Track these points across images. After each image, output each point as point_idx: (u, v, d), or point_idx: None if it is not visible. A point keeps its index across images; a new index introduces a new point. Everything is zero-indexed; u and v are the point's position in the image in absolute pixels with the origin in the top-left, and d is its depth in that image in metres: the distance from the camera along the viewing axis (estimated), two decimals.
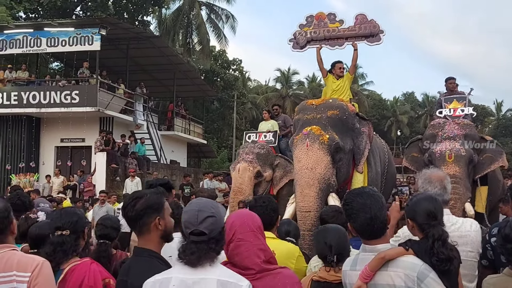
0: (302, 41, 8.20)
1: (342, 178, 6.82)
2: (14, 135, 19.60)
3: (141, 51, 21.62)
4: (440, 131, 7.29)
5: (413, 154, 7.73)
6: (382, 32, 7.97)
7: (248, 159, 8.42)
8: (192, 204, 2.35)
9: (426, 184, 3.25)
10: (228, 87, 36.21)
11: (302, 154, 6.53)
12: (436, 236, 2.52)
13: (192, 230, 2.23)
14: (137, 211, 2.55)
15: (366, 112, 47.93)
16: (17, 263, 2.37)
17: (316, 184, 6.28)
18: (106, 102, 18.94)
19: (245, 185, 8.18)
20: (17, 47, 19.19)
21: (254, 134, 9.65)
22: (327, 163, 6.44)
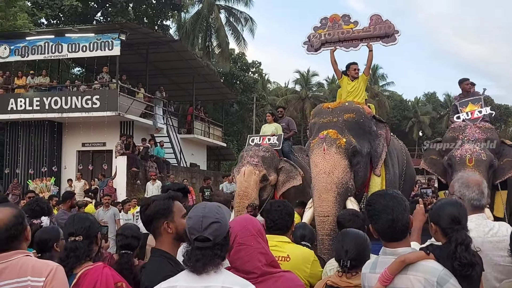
0: (317, 43, 8.14)
1: (360, 181, 6.76)
2: (36, 140, 19.91)
3: (161, 55, 21.79)
4: (460, 134, 7.15)
5: (432, 156, 7.61)
6: (398, 32, 7.88)
7: (253, 163, 8.35)
8: (197, 209, 2.33)
9: (464, 189, 3.17)
10: (248, 90, 36.23)
11: (319, 158, 6.48)
12: (459, 241, 2.49)
13: (196, 236, 2.21)
14: (146, 216, 2.70)
15: (387, 113, 47.64)
16: (31, 268, 2.39)
17: (334, 188, 6.24)
18: (126, 106, 19.12)
19: (251, 189, 8.12)
20: (39, 53, 19.53)
21: (258, 137, 9.53)
22: (344, 167, 6.39)
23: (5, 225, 2.46)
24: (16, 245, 2.49)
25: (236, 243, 2.45)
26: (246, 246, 2.47)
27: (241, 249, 2.46)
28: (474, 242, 2.55)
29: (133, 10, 29.26)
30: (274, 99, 46.44)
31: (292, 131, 10.10)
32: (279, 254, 3.32)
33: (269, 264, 2.49)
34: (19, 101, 19.31)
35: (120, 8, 27.27)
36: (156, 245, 2.74)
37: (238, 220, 2.63)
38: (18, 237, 2.50)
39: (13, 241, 2.48)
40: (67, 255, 2.88)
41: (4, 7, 20.94)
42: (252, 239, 2.49)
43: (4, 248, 2.46)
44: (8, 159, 20.11)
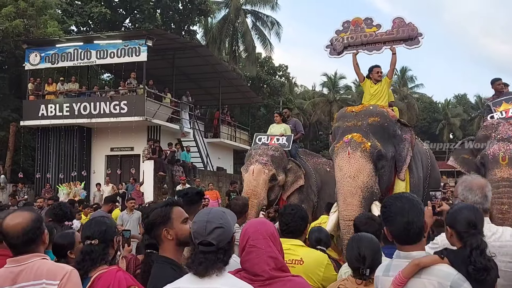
0: (339, 47, 8.04)
1: (384, 185, 6.67)
2: (66, 145, 20.28)
3: (187, 61, 22.00)
4: (493, 133, 6.92)
5: (464, 155, 7.45)
6: (421, 35, 7.75)
7: (263, 161, 8.23)
8: (202, 214, 2.38)
9: (466, 192, 3.18)
10: (275, 93, 36.26)
11: (344, 162, 6.42)
12: (474, 245, 2.48)
13: (200, 240, 2.27)
14: (146, 225, 2.78)
15: (417, 116, 47.06)
16: (46, 271, 2.46)
17: (359, 192, 6.18)
18: (153, 111, 19.35)
19: (260, 188, 8.01)
20: (68, 60, 19.94)
21: (266, 137, 9.33)
22: (369, 171, 6.32)
23: (23, 229, 2.54)
24: (33, 248, 2.57)
25: (248, 245, 2.50)
26: (257, 249, 2.50)
27: (251, 251, 2.49)
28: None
29: (161, 16, 29.62)
30: (301, 102, 46.33)
31: (300, 133, 9.90)
32: (293, 257, 3.34)
33: (279, 268, 2.51)
34: (49, 107, 19.73)
35: (147, 14, 27.63)
36: (159, 252, 2.79)
37: (253, 223, 2.66)
38: (35, 241, 2.58)
39: (30, 244, 2.56)
40: (82, 258, 2.94)
41: (35, 16, 21.42)
42: (263, 242, 2.52)
43: (22, 251, 2.54)
44: (39, 164, 20.53)
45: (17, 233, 2.53)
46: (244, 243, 2.51)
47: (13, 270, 2.49)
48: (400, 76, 50.83)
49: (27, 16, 21.12)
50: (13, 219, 2.58)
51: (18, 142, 21.46)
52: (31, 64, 20.18)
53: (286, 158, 8.61)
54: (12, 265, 2.52)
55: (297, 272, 3.15)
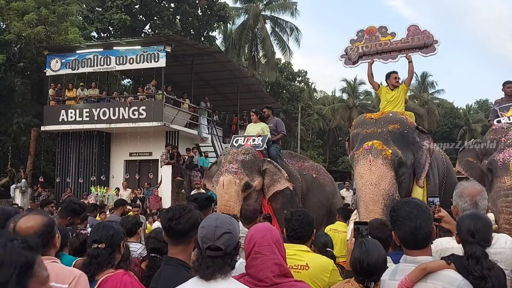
0: (354, 56, 7.99)
1: (403, 193, 6.63)
2: (86, 150, 20.52)
3: (205, 66, 22.08)
4: (503, 137, 6.73)
5: (468, 158, 7.30)
6: (437, 42, 7.67)
7: (233, 170, 7.61)
8: (210, 219, 2.41)
9: (457, 198, 3.19)
10: (294, 99, 36.25)
11: (365, 169, 6.41)
12: (469, 254, 2.49)
13: (209, 245, 2.30)
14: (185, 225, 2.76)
15: (437, 121, 46.57)
16: (56, 275, 2.47)
17: (381, 200, 6.17)
18: (172, 116, 19.48)
19: (233, 201, 7.40)
20: (89, 66, 20.21)
21: (242, 138, 8.70)
22: (391, 178, 6.31)
23: (34, 232, 2.57)
24: (44, 251, 2.58)
25: (253, 251, 2.53)
26: (262, 255, 2.52)
27: (257, 257, 2.52)
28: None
29: (180, 22, 29.85)
30: (321, 108, 46.26)
31: (281, 134, 9.10)
32: (298, 262, 3.35)
33: (283, 274, 2.53)
34: (69, 112, 19.99)
35: (167, 20, 27.87)
36: (171, 252, 2.81)
37: (259, 228, 2.67)
38: (46, 245, 2.61)
39: (41, 248, 2.57)
40: (89, 262, 2.99)
41: (56, 22, 21.76)
42: (268, 249, 2.54)
43: None
44: (59, 168, 20.81)
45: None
46: (250, 249, 2.54)
47: None
48: (420, 82, 50.43)
49: (48, 23, 21.46)
50: (25, 222, 2.63)
51: (39, 147, 21.83)
52: (52, 70, 20.50)
53: (259, 159, 7.99)
54: None
55: (302, 277, 3.16)
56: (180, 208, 2.85)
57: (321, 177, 9.24)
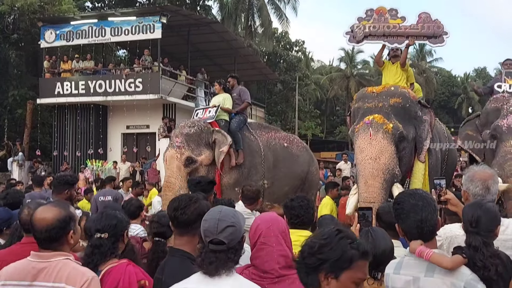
0: (360, 35, 7.80)
1: (404, 167, 6.65)
2: (83, 123, 20.42)
3: (202, 37, 21.81)
4: (505, 105, 6.80)
5: (468, 132, 7.28)
6: (446, 34, 7.49)
7: (177, 144, 7.24)
8: (213, 212, 2.36)
9: (468, 183, 3.15)
10: (291, 69, 35.95)
11: (365, 144, 6.38)
12: (467, 243, 2.50)
13: (211, 239, 2.25)
14: (190, 216, 2.72)
15: (435, 90, 46.44)
16: (67, 275, 2.43)
17: (380, 174, 6.15)
18: (169, 89, 19.32)
19: (174, 177, 7.07)
20: (83, 38, 19.91)
21: (201, 110, 8.28)
22: (391, 152, 6.28)
23: (47, 225, 2.51)
24: (56, 246, 2.53)
25: (259, 241, 2.51)
26: (268, 247, 2.50)
27: (262, 249, 2.50)
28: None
29: None
30: (318, 77, 45.96)
31: (245, 103, 8.50)
32: None
33: (288, 266, 2.50)
34: (65, 85, 19.77)
35: None
36: (176, 243, 2.78)
37: (265, 219, 2.64)
38: (58, 240, 2.54)
39: (52, 242, 2.53)
40: (92, 252, 2.94)
41: None
42: (274, 240, 2.52)
43: (45, 247, 2.53)
44: (56, 141, 20.73)
45: (40, 229, 2.51)
46: (256, 240, 2.52)
47: (36, 266, 2.48)
48: (418, 50, 50.08)
49: None
50: (41, 213, 2.56)
51: (35, 120, 21.68)
52: (46, 42, 20.20)
53: (207, 131, 7.50)
54: (35, 259, 2.51)
55: None
56: (187, 198, 2.81)
57: (294, 146, 8.83)
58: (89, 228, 3.22)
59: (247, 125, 8.48)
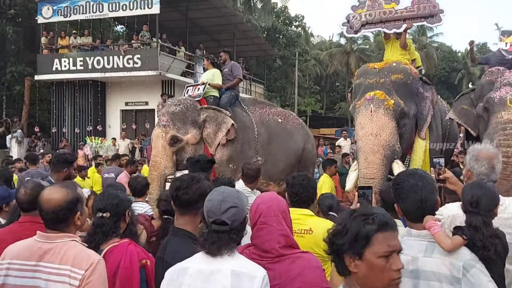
0: (357, 25, 7.73)
1: (405, 144, 6.61)
2: (81, 100, 20.36)
3: (201, 12, 21.61)
4: (499, 78, 6.70)
5: (463, 106, 7.24)
6: (442, 12, 7.41)
7: (163, 123, 7.09)
8: (216, 193, 2.37)
9: (473, 162, 3.14)
10: (291, 44, 35.69)
11: (366, 120, 6.34)
12: (468, 223, 2.50)
13: (214, 219, 2.26)
14: (192, 195, 2.73)
15: (435, 65, 46.17)
16: (73, 258, 2.41)
17: (381, 150, 6.11)
18: (167, 65, 19.20)
19: (160, 156, 6.98)
20: (81, 13, 19.74)
21: (192, 87, 7.97)
22: (392, 129, 6.24)
23: (54, 206, 2.49)
24: (63, 227, 2.53)
25: (259, 221, 2.50)
26: (268, 226, 2.49)
27: (263, 228, 2.49)
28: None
29: None
30: (318, 53, 45.62)
31: (237, 78, 8.18)
32: (302, 227, 3.33)
33: (289, 245, 2.52)
34: (63, 61, 19.66)
35: None
36: (178, 222, 2.79)
37: (265, 198, 2.63)
38: (65, 221, 2.53)
39: (59, 223, 2.52)
40: (94, 231, 2.97)
41: None
42: (274, 220, 2.51)
43: (51, 227, 2.52)
44: (54, 118, 20.69)
45: (47, 209, 2.50)
46: (256, 219, 2.51)
47: (42, 246, 2.47)
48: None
49: None
50: (49, 194, 2.54)
51: (34, 96, 21.59)
52: (43, 18, 20.02)
53: (194, 109, 7.30)
54: (41, 239, 2.50)
55: (306, 241, 3.19)
56: (189, 178, 2.81)
57: (289, 123, 8.62)
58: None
59: (240, 100, 8.28)
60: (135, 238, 3.17)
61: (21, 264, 2.47)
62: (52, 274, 2.40)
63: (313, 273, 2.45)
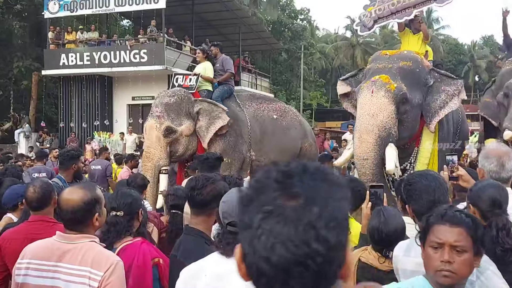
0: (369, 22, 7.77)
1: (406, 132, 6.50)
2: (88, 94, 20.42)
3: (206, 6, 21.58)
4: None
5: (486, 99, 7.25)
6: None
7: (156, 114, 7.05)
8: (232, 194, 2.36)
9: (483, 159, 3.12)
10: (296, 38, 35.59)
11: (366, 100, 6.29)
12: (500, 226, 2.42)
13: (230, 221, 2.26)
14: (206, 196, 2.70)
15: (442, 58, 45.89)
16: (92, 259, 2.43)
17: (375, 130, 6.05)
18: (173, 60, 19.19)
19: (154, 147, 6.96)
20: (87, 8, 19.74)
21: (181, 77, 7.91)
22: (390, 111, 6.15)
23: (72, 207, 2.51)
24: (81, 228, 2.54)
25: None
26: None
27: None
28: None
29: None
30: (324, 46, 45.51)
31: (228, 73, 8.09)
32: None
33: None
34: (70, 56, 19.69)
35: None
36: (193, 222, 2.80)
37: None
38: (82, 222, 2.54)
39: (77, 224, 2.54)
40: (108, 229, 2.96)
41: None
42: None
43: (70, 228, 2.53)
44: (62, 113, 20.76)
45: (66, 210, 2.52)
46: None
47: (61, 247, 2.49)
48: (425, 18, 49.00)
49: None
50: (68, 194, 2.57)
51: (41, 91, 21.66)
52: (50, 12, 20.01)
53: (188, 101, 7.28)
54: (60, 240, 2.52)
55: None
56: (204, 178, 2.79)
57: (286, 119, 8.49)
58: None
59: (235, 95, 8.28)
60: (146, 238, 3.21)
61: (40, 264, 2.49)
62: (72, 275, 2.43)
63: None
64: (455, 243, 1.95)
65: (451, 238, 1.95)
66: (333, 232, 0.91)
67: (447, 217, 1.97)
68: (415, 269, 2.41)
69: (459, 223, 1.96)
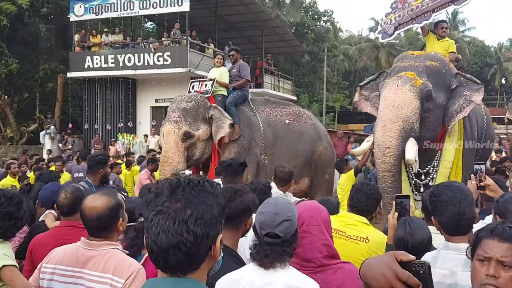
0: (389, 29, 7.87)
1: (428, 133, 6.37)
2: (112, 97, 20.62)
3: (230, 9, 21.64)
4: None
5: None
6: None
7: (174, 119, 7.15)
8: (269, 205, 2.33)
9: None
10: (319, 40, 35.50)
11: (391, 93, 6.20)
12: None
13: (268, 232, 2.24)
14: (234, 210, 2.60)
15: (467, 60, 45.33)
16: (114, 267, 2.44)
17: (399, 122, 5.95)
18: (197, 62, 19.29)
19: (172, 152, 7.03)
20: (112, 11, 20.00)
21: (198, 83, 8.04)
22: (414, 106, 6.05)
23: (97, 214, 2.53)
24: (106, 234, 2.56)
25: (301, 230, 2.46)
26: (310, 235, 2.48)
27: (304, 237, 2.46)
28: None
29: None
30: (347, 48, 45.29)
31: (244, 79, 8.14)
32: (359, 234, 3.29)
33: (330, 255, 2.50)
34: (95, 58, 19.92)
35: None
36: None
37: (308, 207, 2.61)
38: (108, 228, 2.57)
39: (102, 231, 2.56)
40: (136, 235, 2.96)
41: None
42: (317, 229, 2.50)
43: (95, 235, 2.56)
44: (87, 115, 20.99)
45: (91, 217, 2.54)
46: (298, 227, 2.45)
47: (84, 253, 2.51)
48: (451, 19, 48.78)
49: None
50: (92, 201, 2.59)
51: (66, 93, 21.94)
52: (75, 15, 20.31)
53: (204, 106, 7.41)
54: (84, 246, 2.54)
55: (360, 249, 3.17)
56: (232, 191, 2.69)
57: (299, 124, 8.40)
58: (133, 211, 3.24)
59: (249, 100, 8.31)
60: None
61: (65, 270, 2.52)
62: (94, 282, 2.44)
63: (353, 284, 2.40)
64: (501, 258, 1.90)
65: (498, 253, 1.91)
66: (200, 227, 1.37)
67: (497, 231, 1.94)
68: (440, 280, 2.39)
69: (508, 239, 1.92)
